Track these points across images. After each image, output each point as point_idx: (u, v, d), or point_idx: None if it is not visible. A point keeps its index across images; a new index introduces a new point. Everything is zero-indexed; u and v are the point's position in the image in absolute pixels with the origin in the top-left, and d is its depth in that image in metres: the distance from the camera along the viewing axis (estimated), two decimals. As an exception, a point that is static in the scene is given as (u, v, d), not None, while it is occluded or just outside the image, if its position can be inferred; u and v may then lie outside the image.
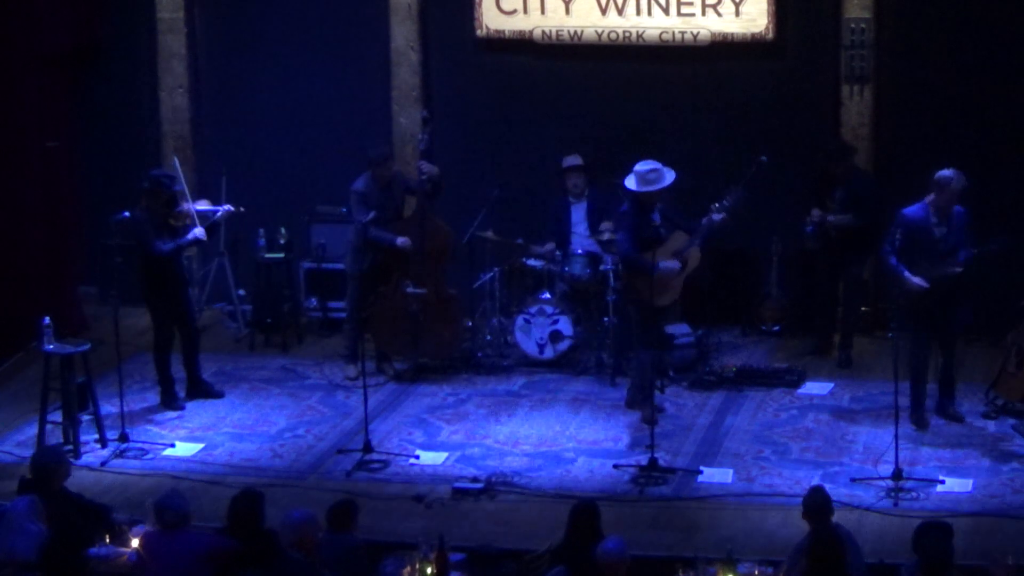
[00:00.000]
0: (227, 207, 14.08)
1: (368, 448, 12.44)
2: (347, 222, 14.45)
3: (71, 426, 12.73)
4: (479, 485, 11.91)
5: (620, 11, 14.98)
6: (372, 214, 13.99)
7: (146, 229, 13.24)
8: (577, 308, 14.46)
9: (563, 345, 14.40)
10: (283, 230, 15.39)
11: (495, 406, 13.62)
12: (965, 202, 12.61)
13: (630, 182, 12.96)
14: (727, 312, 15.18)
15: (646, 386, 13.00)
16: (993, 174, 14.31)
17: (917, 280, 12.40)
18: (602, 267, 14.20)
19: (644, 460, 12.12)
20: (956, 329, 12.79)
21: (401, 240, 14.00)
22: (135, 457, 12.69)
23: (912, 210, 12.59)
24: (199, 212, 13.73)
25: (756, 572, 9.96)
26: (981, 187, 13.35)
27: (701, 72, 15.10)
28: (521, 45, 15.28)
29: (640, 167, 12.96)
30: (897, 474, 11.65)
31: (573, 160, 14.65)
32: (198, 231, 13.48)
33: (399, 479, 12.19)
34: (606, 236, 14.15)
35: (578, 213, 14.68)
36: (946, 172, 12.51)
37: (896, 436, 11.85)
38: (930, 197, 12.54)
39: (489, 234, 14.77)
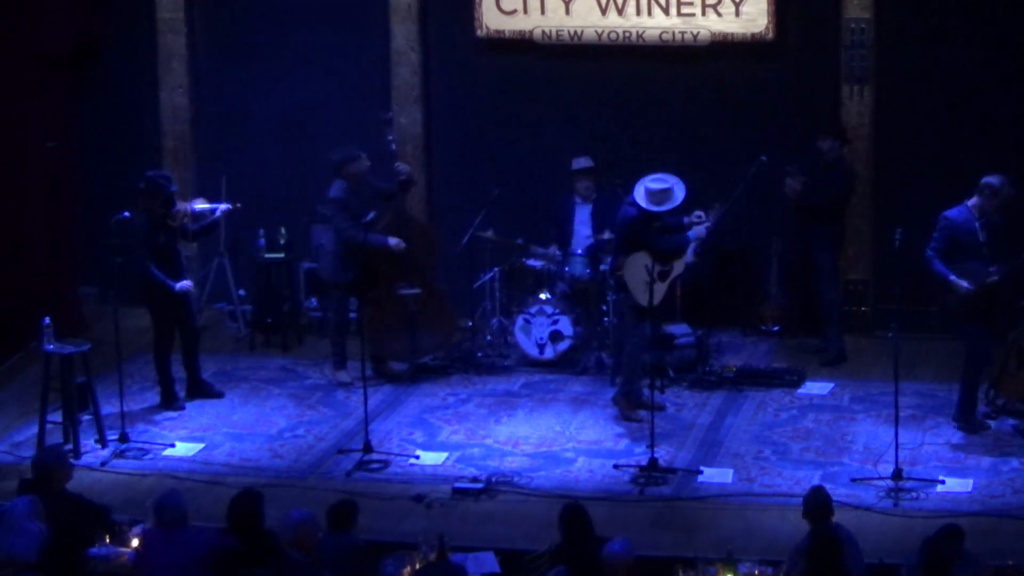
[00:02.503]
0: (224, 205, 14.07)
1: (368, 448, 12.44)
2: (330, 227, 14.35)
3: (71, 426, 12.73)
4: (479, 485, 11.91)
5: (620, 11, 14.98)
6: (372, 214, 13.98)
7: (141, 241, 13.25)
8: (577, 308, 14.46)
9: (563, 345, 14.41)
10: (283, 230, 15.39)
11: (495, 406, 13.62)
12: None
13: (640, 196, 12.93)
14: (727, 312, 15.18)
15: (634, 379, 13.14)
16: (992, 174, 14.30)
17: (964, 284, 12.38)
18: (602, 267, 14.20)
19: (644, 460, 12.12)
20: (996, 329, 12.73)
21: (394, 241, 13.96)
22: (135, 457, 12.69)
23: (954, 212, 12.52)
24: (196, 211, 13.72)
25: (756, 572, 9.96)
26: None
27: (701, 72, 15.11)
28: (521, 45, 15.28)
29: (652, 184, 12.93)
30: (897, 474, 11.65)
31: (584, 162, 14.60)
32: (187, 283, 13.50)
33: (399, 479, 12.19)
34: (607, 235, 14.15)
35: (583, 214, 14.66)
36: (994, 178, 12.45)
37: (896, 436, 11.85)
38: (973, 200, 12.48)
39: (489, 234, 14.77)
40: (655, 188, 12.92)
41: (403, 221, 14.15)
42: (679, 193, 12.96)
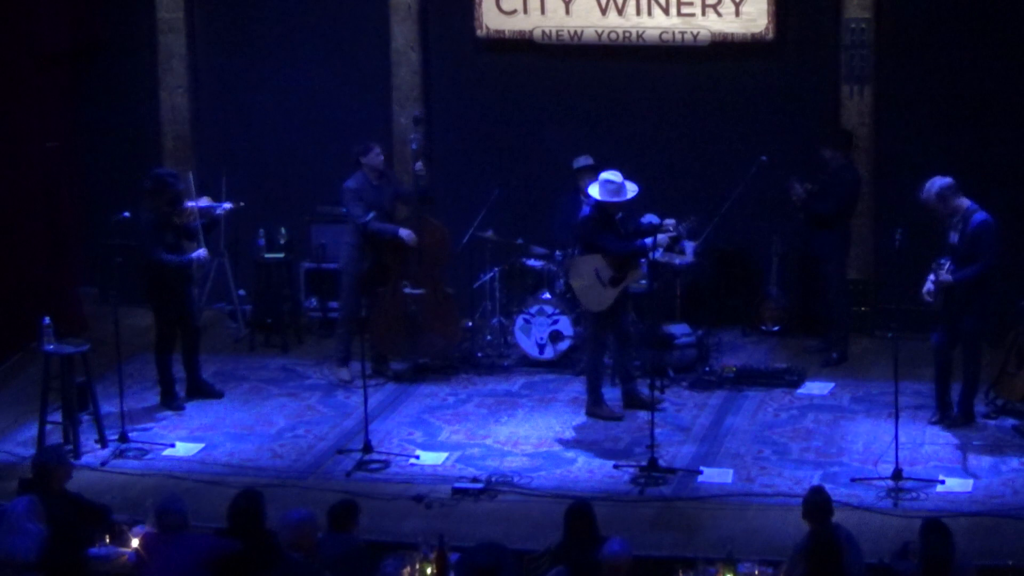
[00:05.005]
0: (227, 204, 14.05)
1: (368, 448, 12.44)
2: (347, 222, 14.41)
3: (71, 426, 12.73)
4: (479, 485, 11.91)
5: (620, 11, 14.98)
6: (372, 214, 14.00)
7: (149, 234, 13.24)
8: (577, 308, 14.45)
9: (563, 345, 14.41)
10: (283, 230, 15.40)
11: (495, 406, 13.62)
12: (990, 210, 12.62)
13: (594, 191, 13.00)
14: (727, 312, 15.18)
15: (596, 387, 13.22)
16: (992, 174, 14.32)
17: (928, 281, 12.50)
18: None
19: (644, 460, 12.12)
20: (961, 334, 12.74)
21: (404, 232, 13.98)
22: (135, 457, 12.69)
23: None
24: (202, 208, 13.70)
25: (756, 572, 9.95)
26: (980, 186, 13.36)
27: (701, 72, 15.11)
28: (521, 45, 15.28)
29: (605, 177, 12.99)
30: (897, 474, 11.65)
31: (586, 161, 14.59)
32: (201, 252, 13.47)
33: (399, 479, 12.19)
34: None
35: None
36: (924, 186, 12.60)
37: (896, 436, 11.85)
38: None
39: (489, 234, 14.78)
40: (608, 178, 12.95)
41: (420, 221, 14.14)
42: (632, 187, 12.98)
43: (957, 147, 14.50)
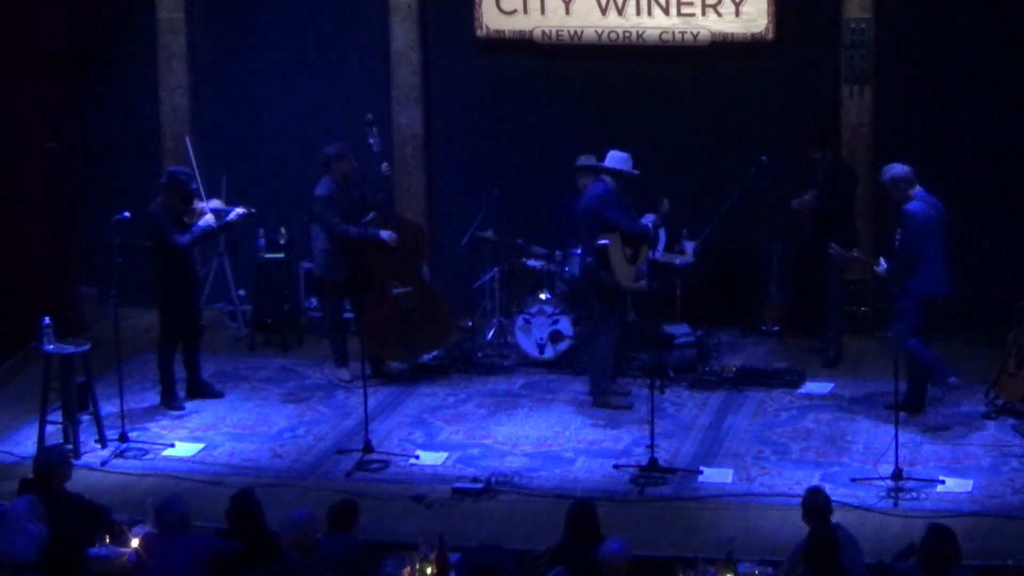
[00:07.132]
0: (240, 209, 13.98)
1: (368, 448, 12.44)
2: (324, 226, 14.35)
3: (71, 426, 12.73)
4: (479, 485, 11.91)
5: (620, 11, 14.99)
6: (372, 215, 14.01)
7: (164, 222, 13.27)
8: (577, 308, 14.46)
9: (563, 345, 14.41)
10: (283, 230, 15.40)
11: (495, 406, 13.62)
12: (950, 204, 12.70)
13: (608, 159, 13.13)
14: (727, 312, 15.18)
15: (606, 372, 13.25)
16: (992, 173, 14.33)
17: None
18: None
19: (644, 460, 12.13)
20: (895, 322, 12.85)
21: (385, 233, 13.98)
22: (135, 457, 12.69)
23: None
24: (212, 210, 13.70)
25: (756, 572, 9.95)
26: (979, 186, 13.37)
27: (701, 72, 15.11)
28: (521, 45, 15.29)
29: (618, 153, 13.14)
30: (897, 474, 11.65)
31: (586, 160, 14.62)
32: (209, 218, 13.46)
33: (399, 479, 12.19)
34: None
35: None
36: None
37: (896, 436, 11.85)
38: None
39: (489, 234, 14.78)
40: (619, 152, 13.13)
41: (392, 219, 14.16)
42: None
43: (957, 147, 14.50)
